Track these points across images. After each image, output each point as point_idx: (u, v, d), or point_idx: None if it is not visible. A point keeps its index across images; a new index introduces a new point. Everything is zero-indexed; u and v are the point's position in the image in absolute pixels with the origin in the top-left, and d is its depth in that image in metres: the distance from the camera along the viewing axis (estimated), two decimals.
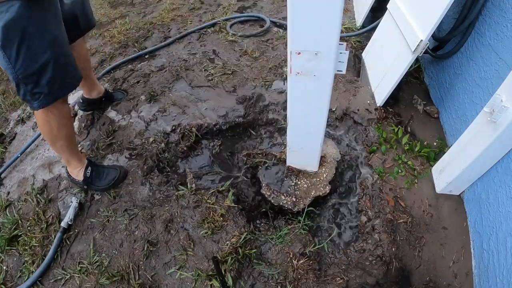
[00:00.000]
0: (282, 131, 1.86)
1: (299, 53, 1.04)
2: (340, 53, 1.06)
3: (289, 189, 1.51)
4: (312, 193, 1.49)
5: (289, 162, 1.57)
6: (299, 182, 1.53)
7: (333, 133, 1.81)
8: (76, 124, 2.02)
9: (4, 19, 0.91)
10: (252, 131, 1.92)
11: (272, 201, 1.50)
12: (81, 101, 2.01)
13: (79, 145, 1.83)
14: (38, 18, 0.95)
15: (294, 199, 1.48)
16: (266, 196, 1.52)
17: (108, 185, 1.60)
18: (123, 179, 1.65)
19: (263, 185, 1.56)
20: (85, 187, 1.61)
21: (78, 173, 1.58)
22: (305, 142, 1.41)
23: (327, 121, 1.30)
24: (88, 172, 1.58)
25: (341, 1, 0.90)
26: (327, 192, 1.49)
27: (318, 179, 1.53)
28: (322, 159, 1.58)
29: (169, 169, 1.73)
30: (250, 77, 2.15)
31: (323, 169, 1.56)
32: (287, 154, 1.52)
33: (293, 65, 1.09)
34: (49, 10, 1.00)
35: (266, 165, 1.64)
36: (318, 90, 1.15)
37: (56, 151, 1.56)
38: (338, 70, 1.11)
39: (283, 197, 1.50)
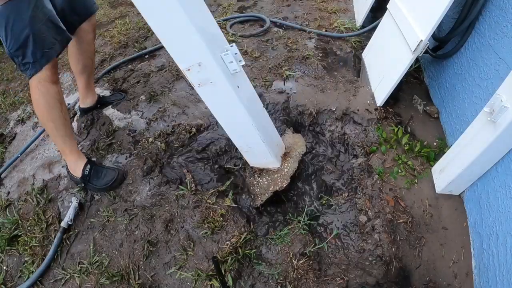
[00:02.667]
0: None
1: (188, 69, 1.12)
2: (225, 54, 1.10)
3: (251, 188, 1.57)
4: (271, 189, 1.53)
5: (250, 163, 1.61)
6: (261, 180, 1.59)
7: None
8: (75, 124, 2.02)
9: None
10: None
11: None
12: (78, 112, 2.08)
13: (79, 145, 1.83)
14: (15, 9, 1.26)
15: (252, 197, 1.54)
16: None
17: (106, 185, 1.60)
18: (121, 181, 1.65)
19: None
20: (83, 184, 1.61)
21: (76, 169, 1.59)
22: (247, 142, 1.45)
23: None
24: (86, 170, 1.58)
25: (183, 13, 0.95)
26: (284, 186, 1.52)
27: (279, 175, 1.57)
28: (286, 154, 1.62)
29: (169, 169, 1.73)
30: (250, 77, 2.15)
31: (286, 164, 1.59)
32: (244, 156, 1.57)
33: (191, 80, 1.15)
34: (23, 2, 1.27)
35: (235, 169, 1.71)
36: (224, 94, 1.20)
37: (49, 135, 1.65)
38: (233, 70, 1.15)
39: (244, 195, 1.57)
